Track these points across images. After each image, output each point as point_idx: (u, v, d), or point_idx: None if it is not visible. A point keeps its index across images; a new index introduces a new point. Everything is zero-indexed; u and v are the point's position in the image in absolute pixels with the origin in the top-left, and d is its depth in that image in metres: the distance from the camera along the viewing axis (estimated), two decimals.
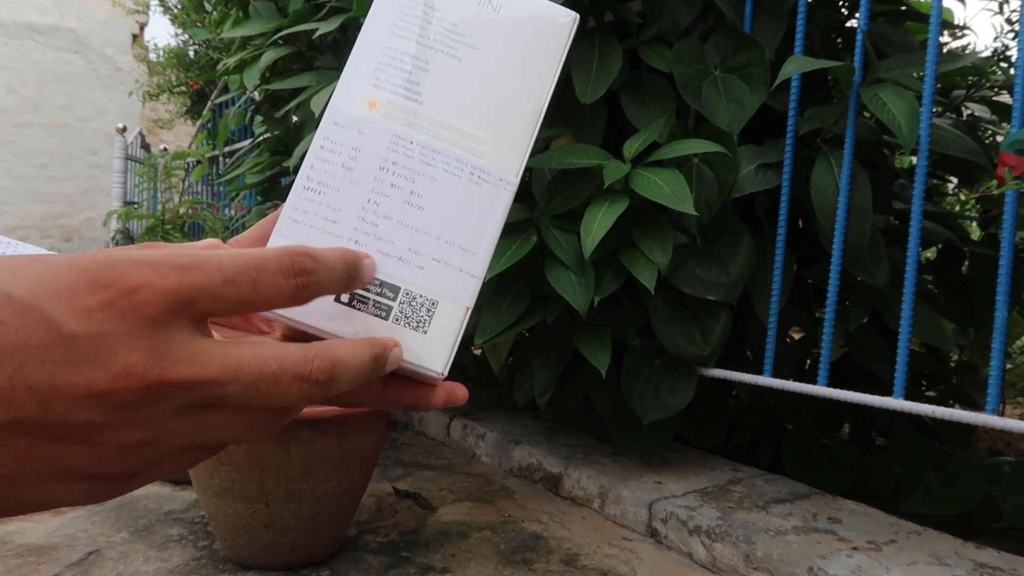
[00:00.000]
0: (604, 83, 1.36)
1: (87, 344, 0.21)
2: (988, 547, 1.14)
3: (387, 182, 0.31)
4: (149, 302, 0.22)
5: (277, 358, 0.24)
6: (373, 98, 0.32)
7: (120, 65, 7.76)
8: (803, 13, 1.34)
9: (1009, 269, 1.07)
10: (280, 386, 0.24)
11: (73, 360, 0.21)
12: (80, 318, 0.21)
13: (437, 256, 0.31)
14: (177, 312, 0.22)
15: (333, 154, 0.31)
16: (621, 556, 1.24)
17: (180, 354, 0.22)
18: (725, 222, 1.41)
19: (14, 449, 0.21)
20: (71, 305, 0.21)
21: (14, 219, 7.28)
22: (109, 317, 0.21)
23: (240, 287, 0.23)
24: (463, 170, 0.32)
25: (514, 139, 0.33)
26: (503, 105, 0.33)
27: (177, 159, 3.17)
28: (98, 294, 0.21)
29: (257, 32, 1.83)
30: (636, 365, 1.43)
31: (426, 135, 0.32)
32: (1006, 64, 1.85)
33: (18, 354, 0.20)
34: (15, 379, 0.20)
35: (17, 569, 1.15)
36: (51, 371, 0.21)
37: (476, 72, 0.33)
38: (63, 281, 0.21)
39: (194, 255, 0.23)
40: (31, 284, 0.21)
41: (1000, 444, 2.03)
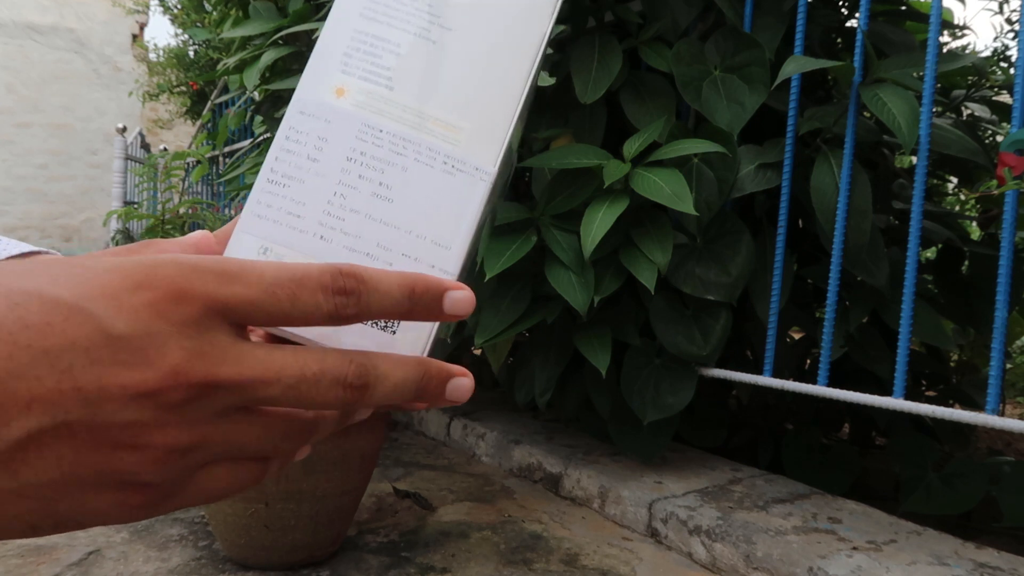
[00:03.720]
0: (604, 83, 1.36)
1: (135, 344, 0.21)
2: (988, 547, 1.14)
3: (355, 173, 0.29)
4: (193, 306, 0.22)
5: (317, 360, 0.24)
6: (341, 85, 0.30)
7: (120, 65, 7.76)
8: (803, 13, 1.34)
9: (1009, 269, 1.07)
10: (319, 388, 0.24)
11: (122, 360, 0.21)
12: (127, 318, 0.21)
13: (407, 251, 0.29)
14: (219, 317, 0.23)
15: (298, 145, 0.30)
16: (621, 556, 1.24)
17: (224, 355, 0.22)
18: (725, 222, 1.41)
19: (57, 456, 0.21)
20: (117, 306, 0.21)
21: (14, 219, 7.27)
22: (154, 317, 0.21)
23: (280, 300, 0.23)
24: (436, 160, 0.30)
25: (492, 126, 0.31)
26: (480, 90, 0.31)
27: (177, 159, 3.17)
28: (143, 295, 0.21)
29: (257, 32, 1.83)
30: (636, 365, 1.43)
31: (397, 123, 0.30)
32: (1006, 64, 1.85)
33: (66, 356, 0.20)
34: (63, 381, 0.20)
35: (17, 569, 1.15)
36: (100, 372, 0.21)
37: (451, 55, 0.31)
38: (107, 283, 0.21)
39: (235, 262, 0.23)
40: (75, 287, 0.21)
41: (1000, 444, 2.03)
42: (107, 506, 0.23)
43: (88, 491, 0.22)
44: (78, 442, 0.21)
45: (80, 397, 0.21)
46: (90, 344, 0.21)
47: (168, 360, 0.21)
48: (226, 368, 0.22)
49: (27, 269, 0.22)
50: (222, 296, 0.22)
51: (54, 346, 0.20)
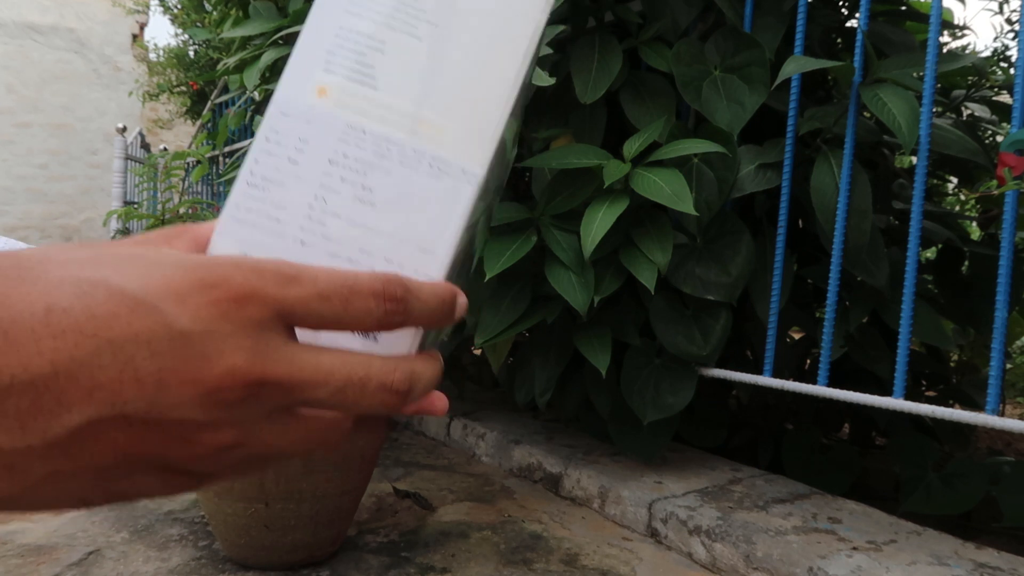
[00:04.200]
0: (604, 83, 1.37)
1: (196, 341, 0.22)
2: (988, 547, 1.14)
3: (337, 176, 0.28)
4: (253, 307, 0.23)
5: (364, 365, 0.24)
6: (323, 84, 0.29)
7: (120, 65, 7.76)
8: (803, 13, 1.34)
9: (1009, 269, 1.07)
10: (365, 393, 0.24)
11: (183, 356, 0.22)
12: (190, 316, 0.22)
13: (390, 256, 0.28)
14: (277, 319, 0.23)
15: (279, 147, 0.29)
16: (621, 556, 1.24)
17: (279, 356, 0.23)
18: (725, 222, 1.41)
19: (113, 442, 0.22)
20: (181, 302, 0.22)
21: (14, 219, 7.28)
22: (216, 316, 0.22)
23: (334, 304, 0.24)
24: (421, 162, 0.29)
25: (481, 126, 0.29)
26: (468, 89, 0.29)
27: (177, 159, 3.17)
28: (206, 294, 0.22)
29: (257, 32, 1.83)
30: (636, 365, 1.43)
31: (381, 124, 0.29)
32: (1006, 64, 1.85)
33: (128, 346, 0.21)
34: (125, 372, 0.21)
35: (17, 569, 1.15)
36: (160, 365, 0.21)
37: (437, 52, 0.29)
38: (172, 279, 0.22)
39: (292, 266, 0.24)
40: (142, 280, 0.22)
41: (1000, 444, 2.03)
42: (153, 485, 0.24)
43: (137, 473, 0.23)
44: (134, 431, 0.22)
45: (139, 389, 0.21)
46: (152, 337, 0.21)
47: (227, 360, 0.22)
48: (280, 369, 0.23)
49: (93, 256, 0.22)
50: (281, 298, 0.23)
51: (118, 336, 0.21)
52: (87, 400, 0.21)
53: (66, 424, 0.21)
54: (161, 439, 0.22)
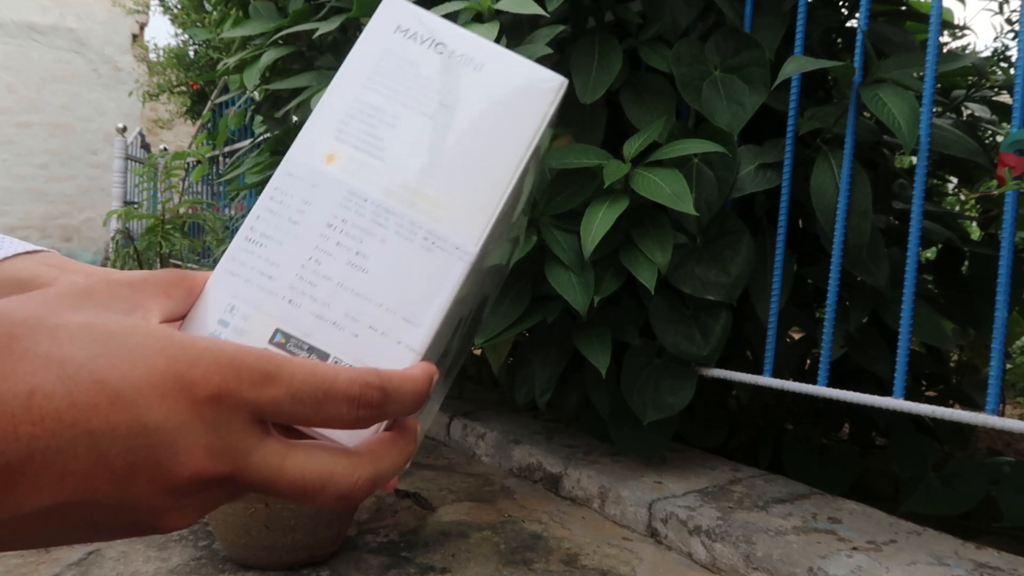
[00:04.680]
0: (604, 83, 1.36)
1: (168, 439, 0.22)
2: (988, 547, 1.14)
3: (333, 240, 0.29)
4: (226, 409, 0.23)
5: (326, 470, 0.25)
6: (333, 151, 0.30)
7: (120, 65, 7.76)
8: (803, 13, 1.34)
9: (1009, 269, 1.07)
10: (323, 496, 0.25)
11: (154, 453, 0.22)
12: (164, 413, 0.22)
13: (375, 324, 0.29)
14: (249, 418, 0.24)
15: (282, 206, 0.29)
16: (621, 556, 1.24)
17: (247, 455, 0.24)
18: (725, 222, 1.41)
19: (82, 517, 0.23)
20: (159, 399, 0.22)
21: (14, 219, 7.28)
22: (191, 415, 0.23)
23: (304, 406, 0.24)
24: (416, 234, 0.29)
25: (478, 206, 0.30)
26: (472, 169, 0.30)
27: (177, 159, 3.17)
28: (182, 392, 0.23)
29: (257, 32, 1.83)
30: (636, 365, 1.43)
31: (382, 194, 0.29)
32: (1006, 64, 1.85)
33: (105, 440, 0.22)
34: (98, 464, 0.22)
35: (17, 569, 1.15)
36: (132, 460, 0.22)
37: (445, 132, 0.30)
38: (153, 372, 0.22)
39: (272, 362, 0.24)
40: (124, 371, 0.22)
41: (1000, 444, 2.03)
42: (116, 537, 0.25)
43: (102, 533, 0.25)
44: (103, 512, 0.23)
45: (111, 480, 0.22)
46: (128, 432, 0.22)
47: (196, 460, 0.23)
48: (246, 470, 0.24)
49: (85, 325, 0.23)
50: (254, 399, 0.24)
51: (96, 429, 0.21)
52: (59, 485, 0.21)
53: (35, 504, 0.21)
54: (130, 518, 0.24)
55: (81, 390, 0.21)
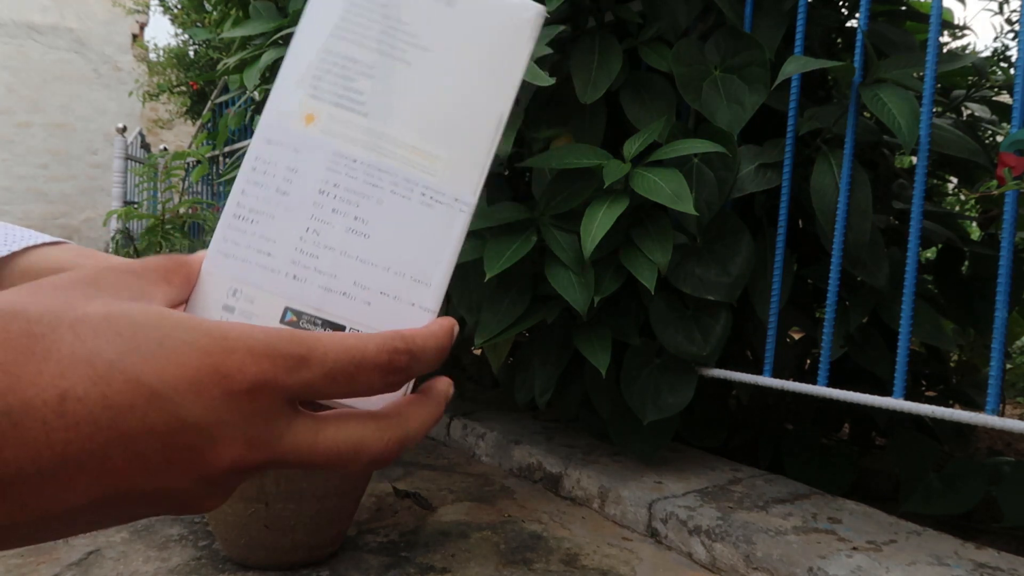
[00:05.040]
0: (604, 83, 1.36)
1: (207, 434, 0.22)
2: (988, 547, 1.14)
3: (328, 207, 0.28)
4: (263, 398, 0.23)
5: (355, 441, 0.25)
6: (311, 110, 0.28)
7: (120, 65, 7.76)
8: (803, 13, 1.34)
9: (1009, 269, 1.07)
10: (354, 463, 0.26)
11: (193, 446, 0.22)
12: (203, 408, 0.22)
13: (385, 289, 0.28)
14: (285, 403, 0.24)
15: (266, 176, 0.28)
16: (621, 556, 1.24)
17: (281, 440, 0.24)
18: (725, 222, 1.41)
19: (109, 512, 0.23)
20: (196, 395, 0.22)
21: (14, 219, 7.27)
22: (228, 408, 0.22)
23: (339, 383, 0.24)
24: (413, 191, 0.28)
25: (472, 153, 0.29)
26: (459, 114, 0.29)
27: (177, 159, 3.17)
28: (219, 385, 0.22)
29: (257, 32, 1.83)
30: (636, 365, 1.43)
31: (371, 152, 0.28)
32: (1006, 64, 1.85)
33: (142, 439, 0.21)
34: (134, 462, 0.21)
35: (17, 569, 1.15)
36: (170, 456, 0.22)
37: (428, 77, 0.29)
38: (186, 366, 0.22)
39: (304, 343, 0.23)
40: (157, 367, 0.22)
41: (1000, 444, 2.03)
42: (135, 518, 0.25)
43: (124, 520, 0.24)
44: (135, 502, 0.23)
45: (147, 475, 0.22)
46: (167, 431, 0.21)
47: (234, 450, 0.23)
48: (281, 453, 0.24)
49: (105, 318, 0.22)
50: (293, 386, 0.23)
51: (132, 429, 0.21)
52: (93, 485, 0.21)
53: (66, 505, 0.21)
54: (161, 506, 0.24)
55: (115, 391, 0.21)
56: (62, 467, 0.20)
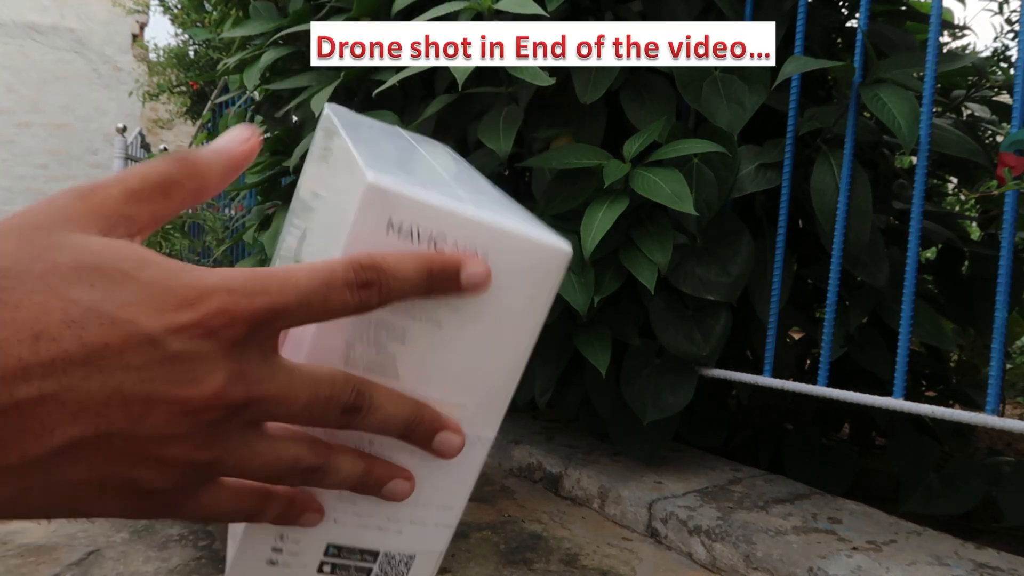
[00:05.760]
0: (604, 83, 1.36)
1: (186, 363, 0.22)
2: (988, 547, 1.14)
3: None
4: (239, 327, 0.23)
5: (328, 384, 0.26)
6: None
7: (120, 65, 7.77)
8: (803, 13, 1.34)
9: (1009, 269, 1.07)
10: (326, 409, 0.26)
11: (172, 379, 0.22)
12: (178, 337, 0.22)
13: (415, 519, 0.31)
14: (257, 333, 0.24)
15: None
16: (621, 556, 1.24)
17: (260, 373, 0.24)
18: (725, 222, 1.41)
19: (89, 462, 0.22)
20: (167, 323, 0.22)
21: None
22: (201, 336, 0.22)
23: (313, 306, 0.24)
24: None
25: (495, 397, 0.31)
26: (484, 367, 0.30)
27: None
28: (187, 313, 0.22)
29: (257, 32, 1.83)
30: (636, 365, 1.43)
31: None
32: (1006, 64, 1.85)
33: (119, 373, 0.21)
34: (112, 397, 0.21)
35: (17, 569, 1.15)
36: (149, 389, 0.22)
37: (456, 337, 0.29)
38: (151, 296, 0.22)
39: (272, 276, 0.24)
40: (132, 301, 0.22)
41: (1000, 444, 2.03)
42: (118, 507, 0.24)
43: (107, 494, 0.24)
44: (113, 451, 0.22)
45: (126, 411, 0.22)
46: (144, 364, 0.21)
47: (214, 380, 0.23)
48: (260, 387, 0.24)
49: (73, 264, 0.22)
50: (262, 313, 0.23)
51: (108, 365, 0.21)
52: (71, 422, 0.21)
53: (46, 445, 0.21)
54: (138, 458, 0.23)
55: (91, 332, 0.21)
56: (39, 402, 0.20)
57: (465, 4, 1.30)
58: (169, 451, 0.23)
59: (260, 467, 0.26)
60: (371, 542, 0.31)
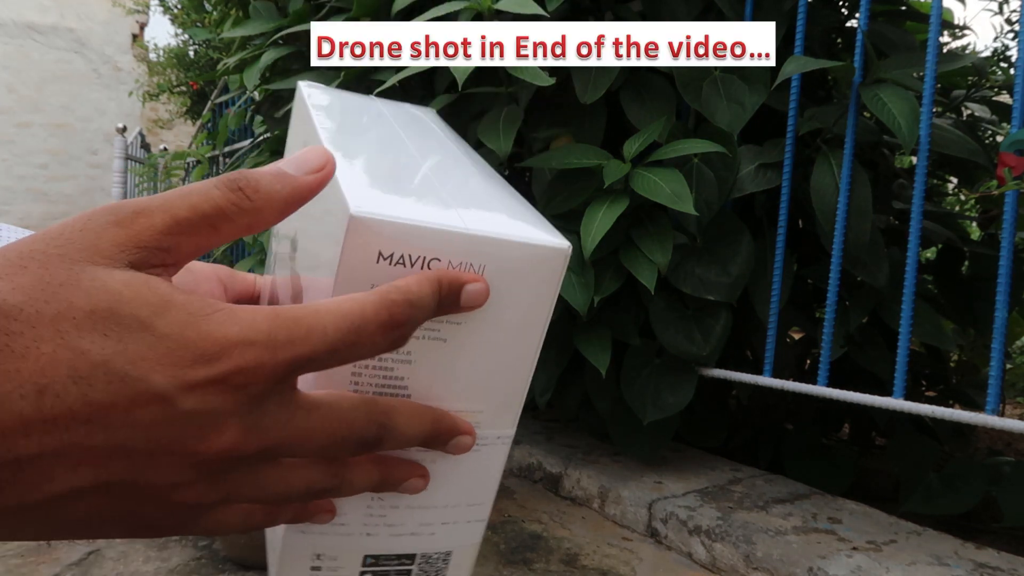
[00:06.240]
0: (604, 83, 1.36)
1: (197, 420, 0.21)
2: (988, 547, 1.14)
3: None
4: (255, 382, 0.22)
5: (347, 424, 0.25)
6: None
7: (120, 65, 7.76)
8: (803, 13, 1.34)
9: (1009, 269, 1.07)
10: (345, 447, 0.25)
11: (182, 435, 0.21)
12: (192, 394, 0.21)
13: (446, 520, 0.31)
14: (281, 382, 0.23)
15: None
16: (621, 556, 1.24)
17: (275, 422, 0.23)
18: (725, 222, 1.41)
19: (90, 504, 0.22)
20: (181, 381, 0.21)
21: (14, 219, 7.27)
22: (217, 393, 0.21)
23: (341, 353, 0.23)
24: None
25: (511, 397, 0.30)
26: (495, 372, 0.30)
27: (177, 159, 3.17)
28: (203, 369, 0.21)
29: (257, 32, 1.83)
30: (636, 365, 1.43)
31: None
32: (1006, 64, 1.85)
33: (124, 430, 0.20)
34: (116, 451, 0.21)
35: (17, 569, 1.15)
36: (154, 446, 0.21)
37: (462, 349, 0.28)
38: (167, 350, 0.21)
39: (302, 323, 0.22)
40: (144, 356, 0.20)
41: (1000, 444, 2.03)
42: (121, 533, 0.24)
43: (108, 525, 0.23)
44: (115, 495, 0.22)
45: (130, 464, 0.21)
46: (152, 422, 0.21)
47: (227, 436, 0.22)
48: (275, 434, 0.23)
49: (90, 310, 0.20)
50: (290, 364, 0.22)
51: (114, 423, 0.20)
52: (71, 473, 0.20)
53: (45, 492, 0.21)
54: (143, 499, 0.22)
55: (97, 390, 0.20)
56: (39, 457, 0.20)
57: (465, 4, 1.30)
58: (175, 495, 0.23)
59: (271, 496, 0.25)
60: (407, 547, 0.31)
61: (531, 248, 0.28)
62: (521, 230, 0.28)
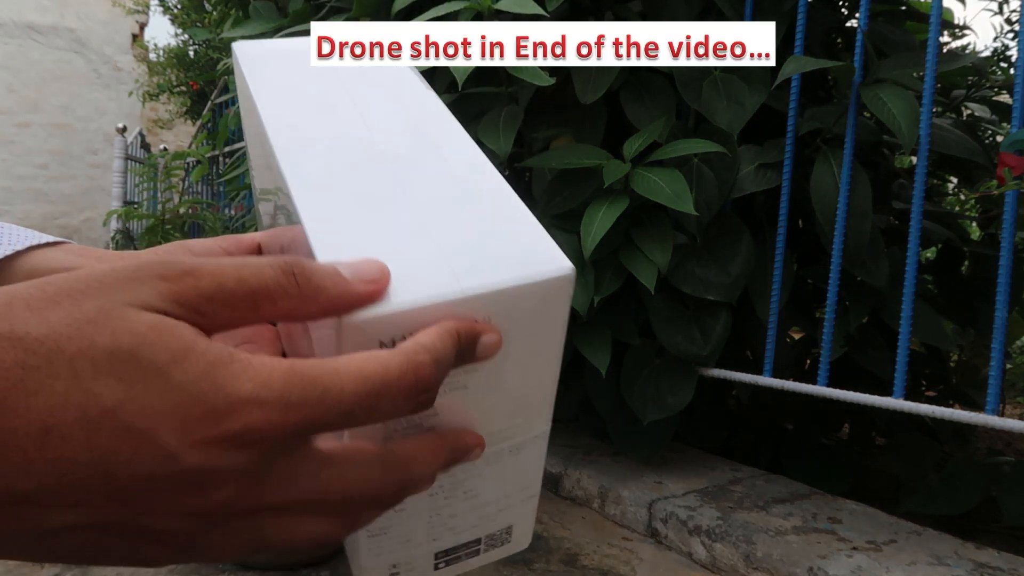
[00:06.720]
0: (604, 83, 1.36)
1: (199, 476, 0.21)
2: (988, 547, 1.14)
3: (441, 499, 0.31)
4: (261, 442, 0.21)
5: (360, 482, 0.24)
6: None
7: (120, 65, 7.76)
8: (803, 13, 1.34)
9: (1009, 269, 1.07)
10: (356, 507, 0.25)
11: (181, 489, 0.21)
12: (196, 452, 0.21)
13: (502, 507, 0.34)
14: (287, 445, 0.22)
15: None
16: (621, 556, 1.24)
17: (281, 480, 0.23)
18: (725, 222, 1.41)
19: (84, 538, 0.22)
20: (188, 438, 0.21)
21: (14, 219, 7.27)
22: (223, 451, 0.21)
23: (358, 416, 0.23)
24: (503, 453, 0.31)
25: (541, 403, 0.31)
26: (522, 395, 0.30)
27: (177, 159, 3.17)
28: (211, 427, 0.21)
29: (257, 32, 1.83)
30: (636, 365, 1.43)
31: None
32: (1006, 64, 1.85)
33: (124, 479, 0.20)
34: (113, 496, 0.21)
35: (17, 569, 1.15)
36: (153, 495, 0.21)
37: (486, 390, 0.28)
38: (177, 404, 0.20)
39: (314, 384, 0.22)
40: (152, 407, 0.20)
41: (1000, 444, 2.03)
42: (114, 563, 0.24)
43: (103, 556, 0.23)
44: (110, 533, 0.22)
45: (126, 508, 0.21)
46: (152, 474, 0.21)
47: (225, 493, 0.22)
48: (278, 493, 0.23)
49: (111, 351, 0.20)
50: (296, 427, 0.22)
51: (114, 470, 0.20)
52: (68, 511, 0.21)
53: (40, 526, 0.21)
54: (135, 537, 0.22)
55: (102, 434, 0.20)
56: (37, 494, 0.20)
57: (465, 4, 1.30)
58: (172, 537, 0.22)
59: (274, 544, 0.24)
60: (471, 536, 0.34)
61: (534, 287, 0.27)
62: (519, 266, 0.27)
